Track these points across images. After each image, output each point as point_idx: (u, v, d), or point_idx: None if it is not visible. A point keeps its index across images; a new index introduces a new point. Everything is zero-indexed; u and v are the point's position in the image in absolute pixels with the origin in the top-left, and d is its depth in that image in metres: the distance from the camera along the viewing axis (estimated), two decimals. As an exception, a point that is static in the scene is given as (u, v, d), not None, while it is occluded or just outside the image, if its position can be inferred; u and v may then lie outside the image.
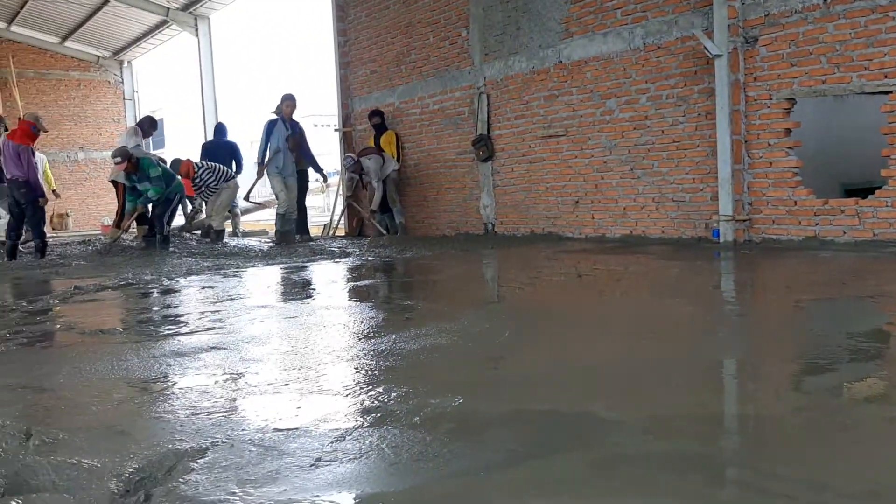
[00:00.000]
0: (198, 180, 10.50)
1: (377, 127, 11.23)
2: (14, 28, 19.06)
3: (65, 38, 19.57)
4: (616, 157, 8.31)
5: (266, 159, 10.30)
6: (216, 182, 10.68)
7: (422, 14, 10.80)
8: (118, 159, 9.28)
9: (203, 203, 11.70)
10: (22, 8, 17.60)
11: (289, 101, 10.32)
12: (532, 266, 6.79)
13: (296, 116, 10.59)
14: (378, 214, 11.12)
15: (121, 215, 10.77)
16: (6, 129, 9.90)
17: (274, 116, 10.36)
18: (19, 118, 9.64)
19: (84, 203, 19.88)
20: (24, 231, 9.54)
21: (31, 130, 8.93)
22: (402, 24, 11.15)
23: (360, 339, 3.61)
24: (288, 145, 10.13)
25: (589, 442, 2.04)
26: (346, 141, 12.39)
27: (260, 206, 13.97)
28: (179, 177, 10.01)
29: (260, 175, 10.63)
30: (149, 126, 10.99)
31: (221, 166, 10.81)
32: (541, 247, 8.19)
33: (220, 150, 11.96)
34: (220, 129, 13.01)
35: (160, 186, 9.44)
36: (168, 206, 9.69)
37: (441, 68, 10.58)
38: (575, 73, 8.66)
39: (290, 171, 10.26)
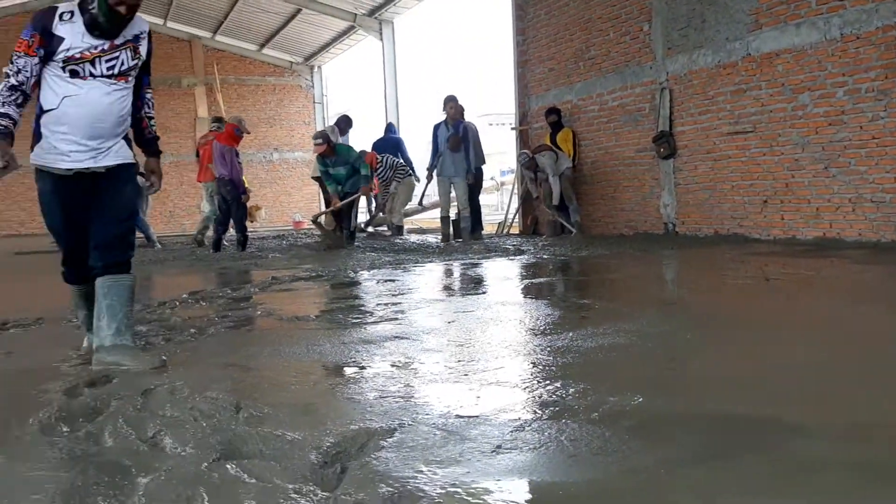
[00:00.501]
0: (379, 169, 11.22)
1: (554, 125, 11.22)
2: (218, 37, 20.77)
3: (262, 46, 21.06)
4: (809, 155, 7.82)
5: (434, 163, 10.61)
6: (392, 174, 11.38)
7: (602, 10, 10.67)
8: (319, 140, 9.96)
9: (383, 200, 12.32)
10: (225, 18, 19.14)
11: (450, 104, 10.48)
12: (715, 268, 6.55)
13: (473, 115, 10.81)
14: (554, 213, 11.12)
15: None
16: (220, 130, 10.78)
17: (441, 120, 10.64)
18: (223, 120, 10.53)
19: (277, 200, 21.28)
20: (229, 226, 10.40)
21: (234, 132, 9.72)
22: (582, 21, 11.07)
23: (536, 335, 3.66)
24: (448, 146, 10.32)
25: (774, 447, 1.96)
26: (523, 139, 12.48)
27: (423, 208, 14.42)
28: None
29: (429, 179, 11.01)
30: (345, 125, 11.87)
31: (396, 160, 11.48)
32: (725, 248, 7.87)
33: (387, 145, 12.61)
34: (389, 128, 13.80)
35: (349, 170, 9.93)
36: (351, 204, 10.19)
37: (621, 64, 10.41)
38: (764, 66, 8.24)
39: (452, 171, 10.41)
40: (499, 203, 26.03)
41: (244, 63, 21.57)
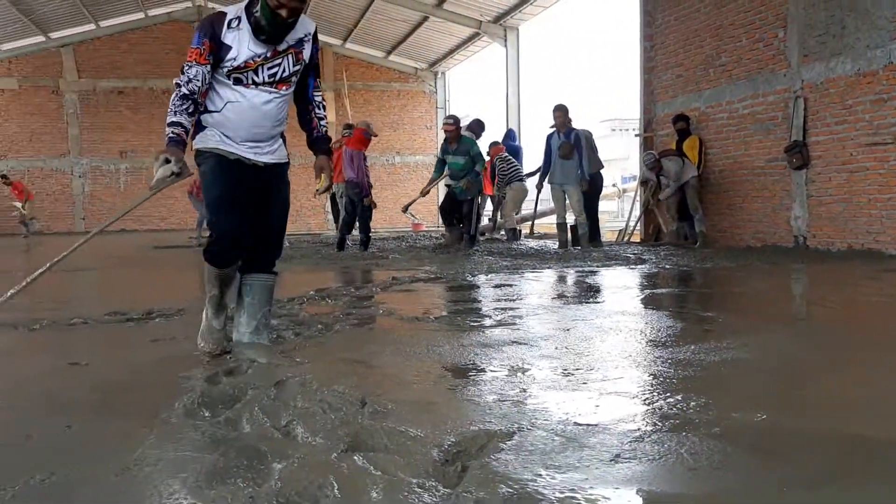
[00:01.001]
0: (498, 165, 11.48)
1: (681, 132, 10.97)
2: (348, 45, 21.45)
3: (389, 53, 21.61)
4: (956, 168, 7.33)
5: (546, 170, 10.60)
6: (509, 172, 11.63)
7: (734, 15, 10.35)
8: (451, 121, 10.21)
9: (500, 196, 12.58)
10: (355, 27, 19.75)
11: (557, 112, 10.38)
12: (848, 284, 6.24)
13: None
14: (677, 222, 10.88)
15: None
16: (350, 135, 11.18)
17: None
18: (353, 126, 10.91)
19: (398, 203, 21.68)
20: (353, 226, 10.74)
21: (363, 136, 10.05)
22: (713, 27, 10.77)
23: (656, 347, 3.62)
24: (560, 153, 10.25)
25: (910, 475, 1.89)
26: (647, 146, 12.26)
27: (535, 216, 14.49)
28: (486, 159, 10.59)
29: (539, 188, 11.06)
30: (477, 127, 12.08)
31: (514, 161, 11.77)
32: (858, 264, 7.48)
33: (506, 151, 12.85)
34: (509, 135, 14.10)
35: (467, 163, 10.08)
36: (472, 205, 10.31)
37: (753, 71, 10.06)
38: (908, 74, 7.79)
39: (563, 178, 10.31)
40: (619, 210, 25.60)
41: (371, 69, 22.19)
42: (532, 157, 13.96)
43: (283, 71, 3.31)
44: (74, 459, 2.12)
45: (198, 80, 3.18)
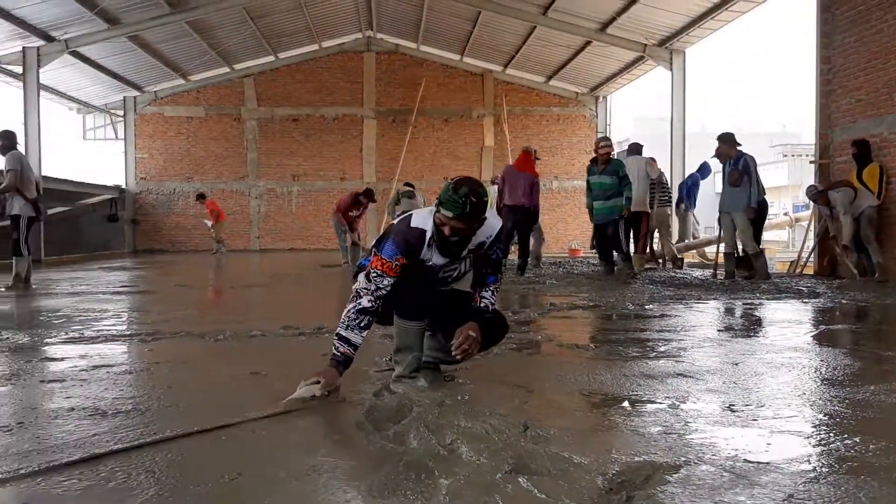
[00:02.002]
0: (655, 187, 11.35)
1: (860, 159, 10.28)
2: (508, 70, 21.72)
3: (549, 78, 21.68)
4: None
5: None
6: (663, 196, 11.38)
7: (923, 34, 9.63)
8: (607, 143, 10.28)
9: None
10: (517, 53, 19.99)
11: (722, 144, 9.94)
12: None
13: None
14: (853, 253, 10.18)
15: (643, 243, 11.90)
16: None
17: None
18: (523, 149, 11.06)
19: (554, 227, 21.64)
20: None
21: (531, 159, 10.25)
22: (898, 47, 10.06)
23: (832, 385, 3.42)
24: (728, 180, 9.83)
25: None
26: (823, 173, 11.57)
27: (694, 245, 14.05)
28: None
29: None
30: (636, 150, 12.18)
31: (664, 184, 11.53)
32: None
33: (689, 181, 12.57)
34: (703, 167, 13.94)
35: (614, 182, 9.96)
36: (616, 226, 10.15)
37: (945, 93, 9.30)
38: None
39: (731, 205, 9.86)
40: (790, 240, 24.25)
41: (531, 94, 22.33)
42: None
43: (458, 272, 3.33)
44: (259, 462, 2.30)
45: (382, 291, 3.12)
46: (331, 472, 2.20)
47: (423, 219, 3.18)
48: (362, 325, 3.14)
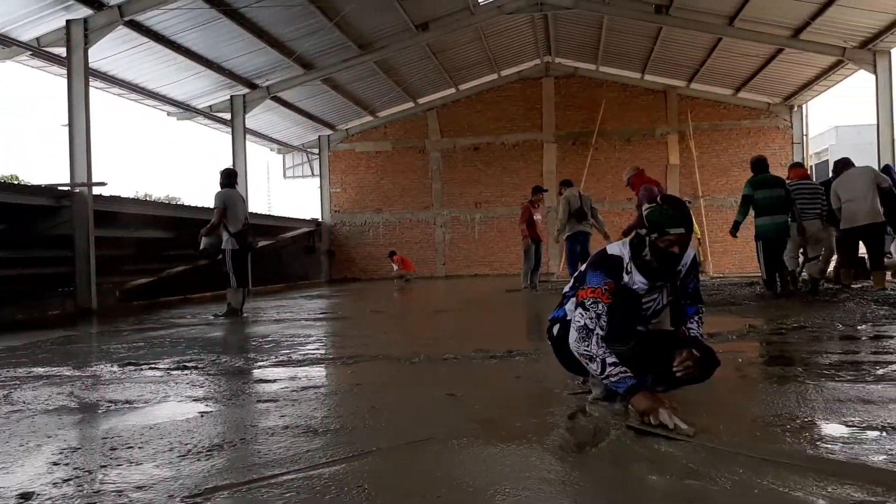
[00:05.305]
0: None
1: None
2: (693, 85, 21.00)
3: (737, 90, 20.72)
4: None
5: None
6: (805, 205, 10.01)
7: None
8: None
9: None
10: (701, 66, 19.30)
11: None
12: None
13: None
14: None
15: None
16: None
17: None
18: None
19: (748, 245, 20.51)
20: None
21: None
22: None
23: None
24: None
25: None
26: None
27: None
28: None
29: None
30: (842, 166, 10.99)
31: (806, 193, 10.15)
32: None
33: None
34: (886, 170, 12.55)
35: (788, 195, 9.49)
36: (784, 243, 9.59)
37: None
38: None
39: None
40: None
41: (718, 108, 21.45)
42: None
43: (657, 304, 3.24)
44: (465, 479, 2.36)
45: (604, 318, 3.04)
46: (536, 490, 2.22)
47: (617, 248, 3.21)
48: (608, 348, 3.02)
